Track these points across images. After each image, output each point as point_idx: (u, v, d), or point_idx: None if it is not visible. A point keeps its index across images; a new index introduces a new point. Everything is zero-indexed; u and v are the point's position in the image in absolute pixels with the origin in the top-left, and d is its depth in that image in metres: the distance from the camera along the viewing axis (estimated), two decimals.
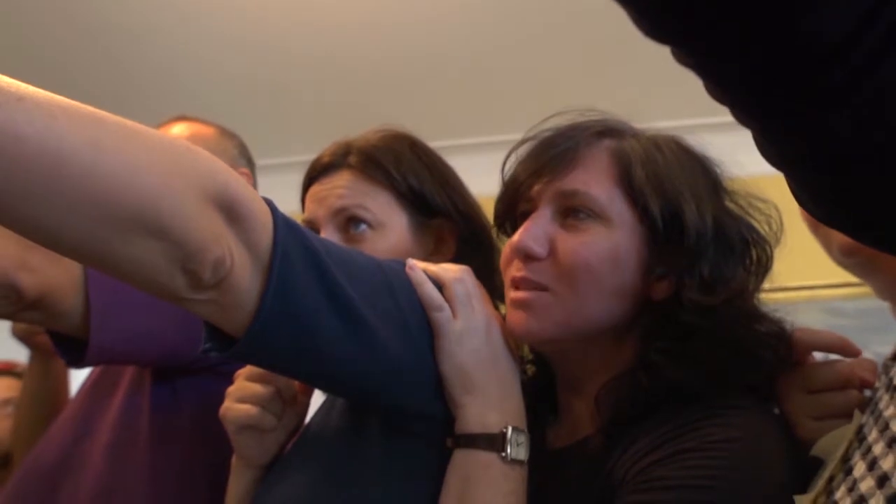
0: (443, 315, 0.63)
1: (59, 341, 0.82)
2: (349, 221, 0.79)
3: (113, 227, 0.44)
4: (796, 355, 0.67)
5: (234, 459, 0.76)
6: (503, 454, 0.61)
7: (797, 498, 0.51)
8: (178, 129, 1.12)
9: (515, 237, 0.67)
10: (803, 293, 2.14)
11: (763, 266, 0.70)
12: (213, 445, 0.91)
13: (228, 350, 0.54)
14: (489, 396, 0.63)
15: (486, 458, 0.62)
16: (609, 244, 0.65)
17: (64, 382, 1.19)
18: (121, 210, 0.44)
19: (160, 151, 0.46)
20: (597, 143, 0.69)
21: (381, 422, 0.65)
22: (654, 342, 0.66)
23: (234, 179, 0.50)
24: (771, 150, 0.33)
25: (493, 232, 0.80)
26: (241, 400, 0.71)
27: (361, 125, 0.85)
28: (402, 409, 0.64)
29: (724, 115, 0.35)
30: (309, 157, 0.85)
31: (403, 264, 0.66)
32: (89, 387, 1.01)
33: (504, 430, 0.62)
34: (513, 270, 0.68)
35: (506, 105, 2.46)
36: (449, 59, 2.28)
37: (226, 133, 1.17)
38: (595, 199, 0.66)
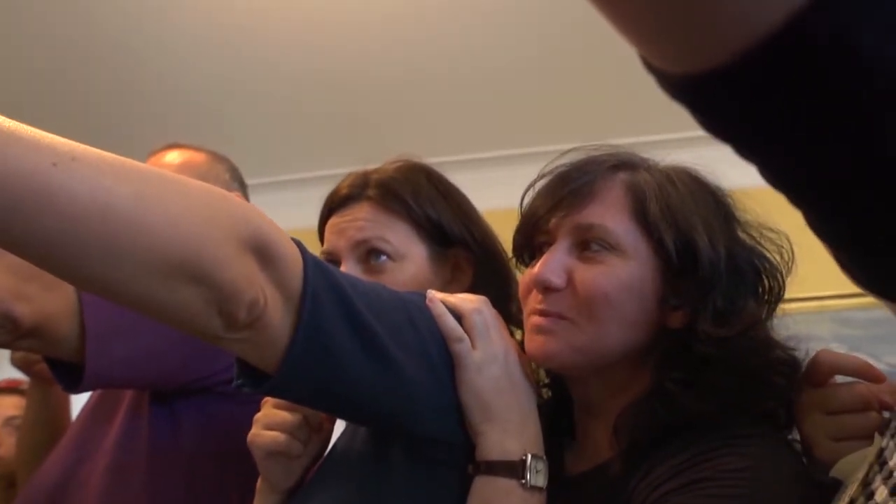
0: (462, 346, 0.65)
1: (57, 368, 0.83)
2: (369, 253, 0.81)
3: (156, 274, 0.47)
4: (818, 377, 0.67)
5: (259, 484, 0.77)
6: (523, 481, 0.63)
7: None
8: (171, 157, 1.14)
9: (535, 269, 0.69)
10: (813, 304, 2.12)
11: (775, 295, 0.71)
12: (215, 466, 0.91)
13: (260, 385, 0.56)
14: (508, 424, 0.65)
15: (506, 484, 0.63)
16: (625, 275, 0.67)
17: (64, 408, 1.20)
18: (164, 258, 0.47)
19: (197, 201, 0.49)
20: (612, 177, 0.71)
21: (404, 449, 0.66)
22: (669, 371, 0.67)
23: (265, 223, 0.52)
24: (824, 229, 0.34)
25: (512, 262, 0.82)
26: (269, 427, 0.73)
27: (363, 141, 0.86)
28: (426, 436, 0.65)
29: None
30: (309, 174, 0.86)
31: (423, 296, 0.68)
32: (89, 411, 1.02)
33: (524, 458, 0.64)
34: (532, 302, 0.70)
35: (504, 121, 2.47)
36: (449, 75, 2.29)
37: (217, 157, 1.19)
38: (611, 232, 0.68)
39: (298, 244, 0.56)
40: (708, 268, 0.66)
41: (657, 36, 0.27)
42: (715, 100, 0.28)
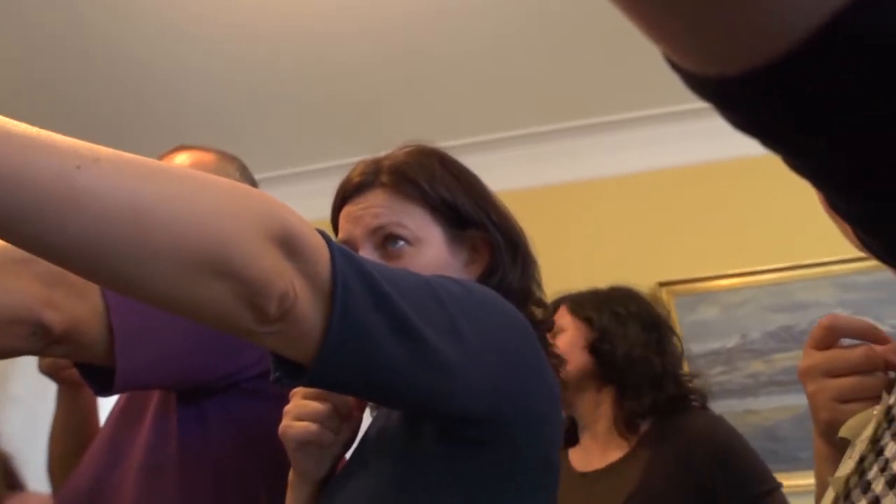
0: None
1: (87, 372, 0.84)
2: (387, 239, 0.81)
3: (185, 271, 0.47)
4: (824, 341, 0.68)
5: (291, 475, 0.79)
6: None
7: (830, 479, 0.52)
8: (180, 159, 1.13)
9: None
10: (817, 270, 2.15)
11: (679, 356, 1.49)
12: (243, 462, 0.93)
13: (297, 378, 0.57)
14: None
15: None
16: (568, 338, 1.46)
17: (93, 412, 1.21)
18: (192, 255, 0.47)
19: (222, 196, 0.49)
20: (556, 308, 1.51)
21: (437, 429, 0.68)
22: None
23: (290, 215, 0.52)
24: (855, 214, 0.34)
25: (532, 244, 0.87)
26: (300, 417, 0.74)
27: (369, 130, 0.87)
28: (460, 415, 0.66)
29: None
30: (313, 166, 0.87)
31: (444, 278, 0.69)
32: (117, 414, 1.03)
33: None
34: None
35: (510, 102, 2.47)
36: (452, 60, 2.29)
37: (226, 156, 1.18)
38: (561, 323, 1.47)
39: (323, 234, 0.56)
40: (610, 319, 1.47)
41: (688, 39, 0.26)
42: (749, 100, 0.28)
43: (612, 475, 1.34)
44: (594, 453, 1.41)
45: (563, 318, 1.48)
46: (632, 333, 1.42)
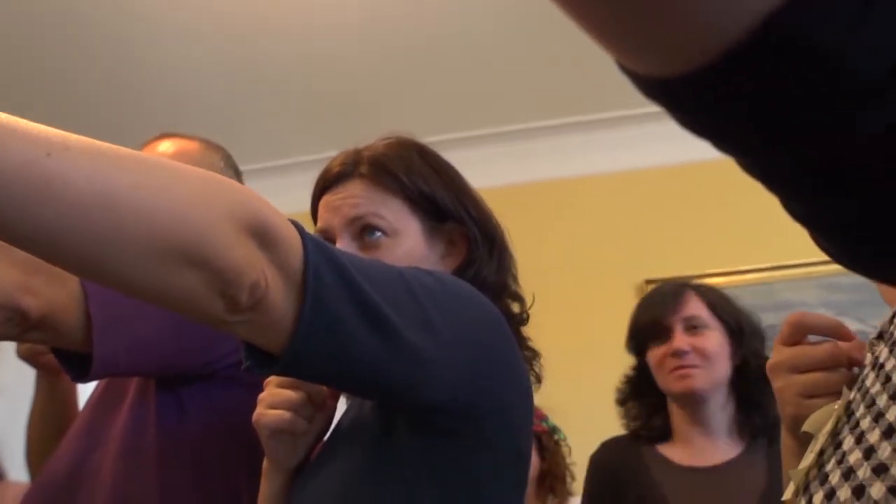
0: None
1: (64, 358, 0.84)
2: (364, 230, 0.82)
3: (157, 260, 0.47)
4: (792, 337, 0.69)
5: (264, 464, 0.79)
6: None
7: (791, 472, 0.53)
8: (164, 147, 1.13)
9: (674, 346, 1.40)
10: (801, 270, 2.17)
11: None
12: (222, 450, 0.94)
13: (269, 367, 0.57)
14: None
15: None
16: (719, 340, 1.41)
17: (72, 399, 1.21)
18: (164, 244, 0.47)
19: (195, 186, 0.49)
20: (687, 292, 1.46)
21: (409, 420, 0.68)
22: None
23: (264, 206, 0.53)
24: (805, 215, 0.34)
25: (508, 236, 0.87)
26: (273, 406, 0.75)
27: (352, 125, 0.87)
28: (431, 405, 0.66)
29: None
30: (297, 159, 0.87)
31: (418, 270, 0.69)
32: (96, 400, 1.03)
33: None
34: (673, 362, 1.40)
35: (495, 98, 2.48)
36: (438, 55, 2.30)
37: (210, 145, 1.18)
38: (704, 318, 1.42)
39: (296, 225, 0.56)
40: (750, 334, 1.42)
41: (628, 40, 0.27)
42: (691, 100, 0.28)
43: (735, 471, 1.39)
44: (705, 449, 1.43)
45: (701, 311, 1.44)
46: (761, 351, 1.45)
